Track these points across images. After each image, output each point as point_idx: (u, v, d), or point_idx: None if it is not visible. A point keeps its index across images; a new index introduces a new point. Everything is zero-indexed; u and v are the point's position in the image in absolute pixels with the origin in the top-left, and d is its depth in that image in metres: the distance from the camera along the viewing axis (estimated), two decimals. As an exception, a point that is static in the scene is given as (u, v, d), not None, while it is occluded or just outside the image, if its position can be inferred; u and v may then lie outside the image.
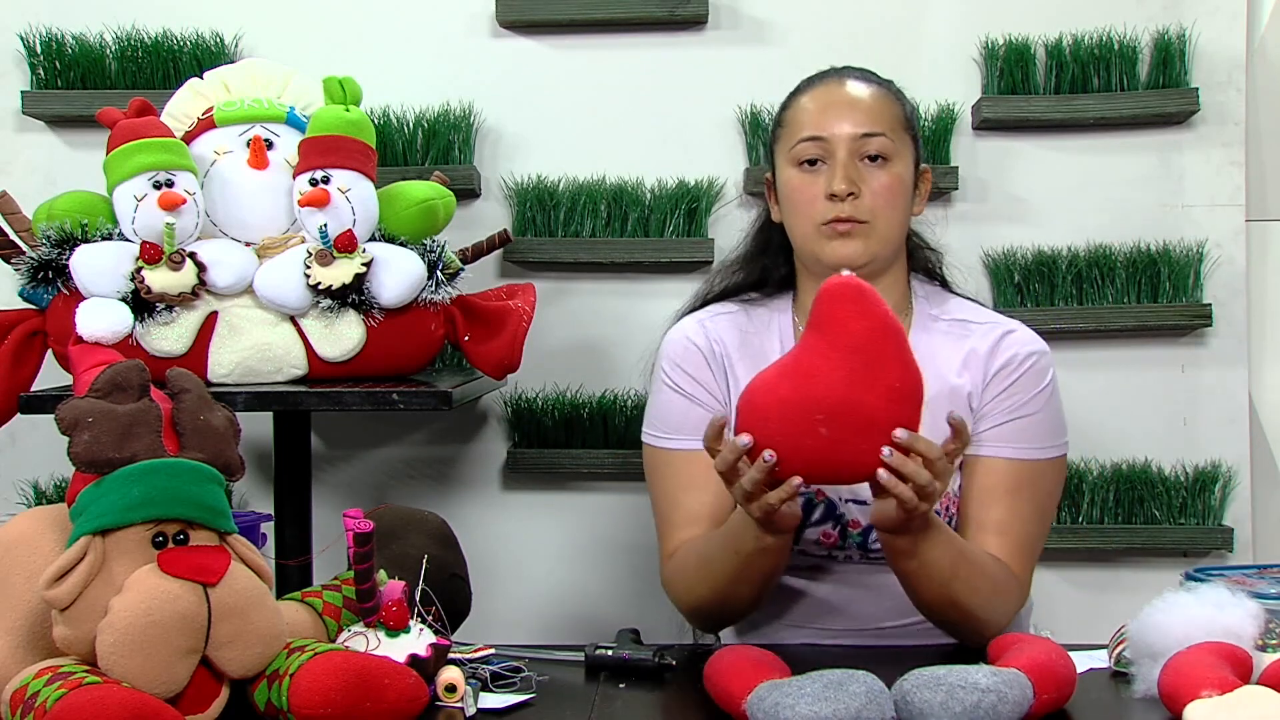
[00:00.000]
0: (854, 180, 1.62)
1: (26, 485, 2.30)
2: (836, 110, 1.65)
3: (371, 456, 2.36)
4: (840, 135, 1.63)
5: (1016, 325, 1.70)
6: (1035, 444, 1.63)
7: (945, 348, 1.67)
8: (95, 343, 1.68)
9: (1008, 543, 1.60)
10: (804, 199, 1.65)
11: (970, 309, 1.74)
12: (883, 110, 1.65)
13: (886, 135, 1.63)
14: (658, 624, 1.95)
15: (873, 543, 1.64)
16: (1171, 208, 2.26)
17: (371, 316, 1.82)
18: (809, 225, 1.65)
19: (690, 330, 1.73)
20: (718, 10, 2.28)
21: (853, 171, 1.62)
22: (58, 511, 1.33)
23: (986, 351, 1.66)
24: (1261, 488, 2.29)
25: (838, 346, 1.32)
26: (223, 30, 2.28)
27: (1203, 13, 2.25)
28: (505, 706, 1.34)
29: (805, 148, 1.65)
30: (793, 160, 1.66)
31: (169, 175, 1.77)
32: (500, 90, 2.31)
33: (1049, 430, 1.65)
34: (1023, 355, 1.65)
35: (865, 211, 1.62)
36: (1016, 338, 1.68)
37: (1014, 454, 1.62)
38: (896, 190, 1.64)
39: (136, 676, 1.18)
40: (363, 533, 1.32)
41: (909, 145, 1.68)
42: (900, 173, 1.65)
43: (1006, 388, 1.64)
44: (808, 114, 1.67)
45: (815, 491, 1.64)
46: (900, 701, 1.22)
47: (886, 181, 1.63)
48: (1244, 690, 1.21)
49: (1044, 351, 1.68)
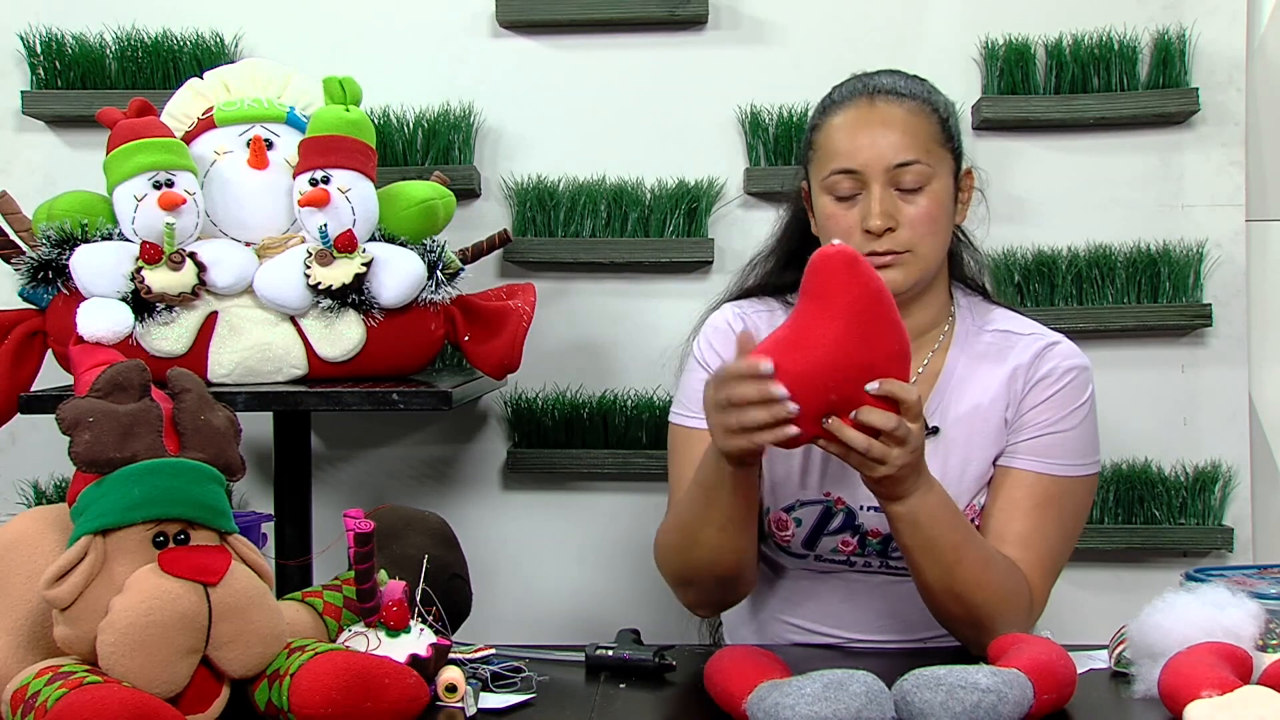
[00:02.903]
0: (890, 214, 1.56)
1: (26, 485, 2.30)
2: (869, 139, 1.58)
3: (371, 456, 2.36)
4: (874, 168, 1.57)
5: (1060, 338, 1.66)
6: (1067, 460, 1.60)
7: (987, 366, 1.64)
8: (95, 343, 1.69)
9: (1029, 556, 1.56)
10: (840, 230, 1.59)
11: (1013, 319, 1.70)
12: (917, 131, 1.58)
13: (922, 161, 1.57)
14: (658, 624, 1.95)
15: (893, 550, 1.61)
16: (1171, 208, 2.26)
17: (371, 316, 1.82)
18: None
19: (730, 315, 1.72)
20: (718, 10, 2.28)
21: (889, 204, 1.56)
22: (58, 511, 1.33)
23: (1028, 362, 1.63)
24: (1261, 488, 2.29)
25: (839, 314, 1.33)
26: (223, 30, 2.28)
27: (1203, 13, 2.25)
28: (505, 706, 1.34)
29: (838, 181, 1.59)
30: (826, 190, 1.60)
31: (169, 175, 1.77)
32: (500, 90, 2.31)
33: (1082, 448, 1.61)
34: (1063, 369, 1.62)
35: (904, 242, 1.57)
36: (1059, 350, 1.64)
37: (1045, 469, 1.59)
38: (936, 215, 1.58)
39: (137, 676, 1.18)
40: (363, 533, 1.32)
41: (947, 158, 1.61)
42: (939, 193, 1.59)
43: (1043, 401, 1.61)
44: (839, 143, 1.60)
45: (835, 500, 1.63)
46: (900, 701, 1.22)
47: (925, 209, 1.57)
48: (1244, 690, 1.21)
49: (1085, 367, 1.64)
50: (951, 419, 1.62)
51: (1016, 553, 1.55)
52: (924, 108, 1.61)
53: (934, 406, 1.63)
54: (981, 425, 1.62)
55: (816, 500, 1.63)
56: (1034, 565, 1.56)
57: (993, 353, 1.65)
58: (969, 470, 1.61)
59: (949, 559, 1.47)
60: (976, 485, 1.62)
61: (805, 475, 1.64)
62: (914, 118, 1.59)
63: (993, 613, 1.49)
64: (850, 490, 1.61)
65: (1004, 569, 1.52)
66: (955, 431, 1.62)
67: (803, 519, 1.64)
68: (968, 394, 1.63)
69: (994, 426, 1.62)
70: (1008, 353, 1.65)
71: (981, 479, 1.62)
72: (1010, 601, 1.51)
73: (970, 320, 1.68)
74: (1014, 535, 1.57)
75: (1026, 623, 1.55)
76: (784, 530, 1.65)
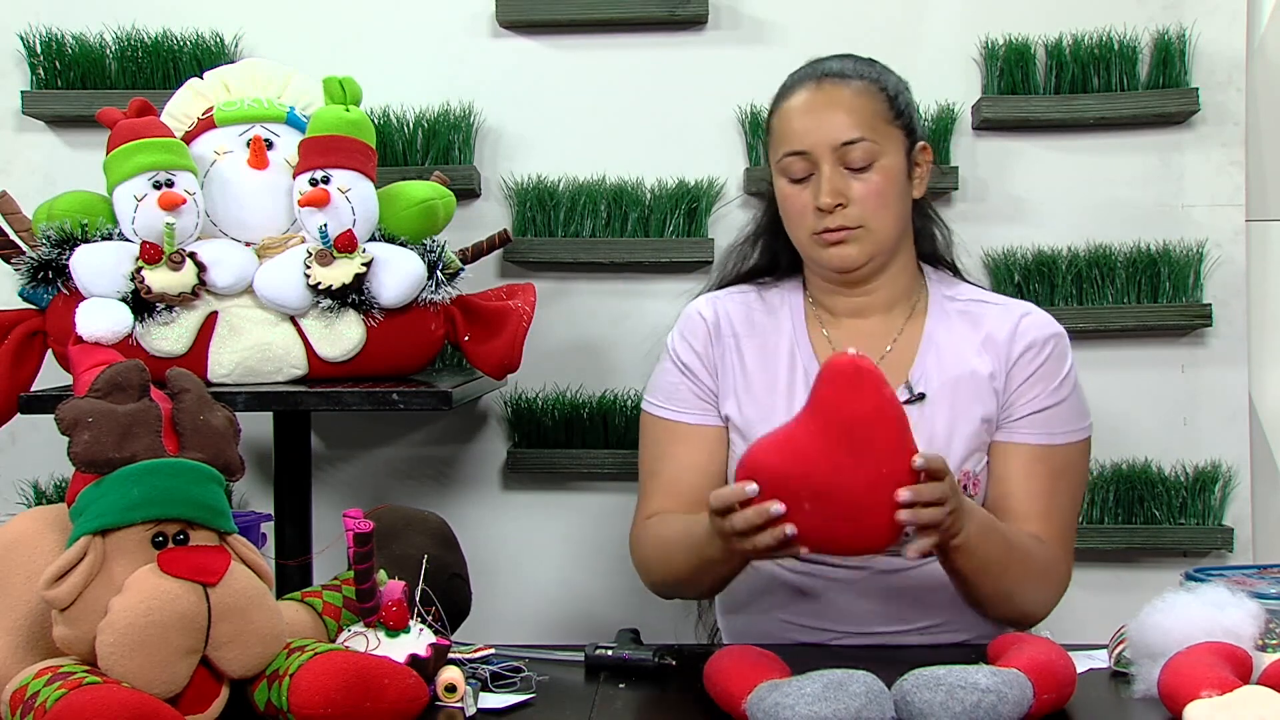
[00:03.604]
0: (839, 191, 1.62)
1: (26, 485, 2.30)
2: (816, 120, 1.64)
3: (371, 456, 2.36)
4: (821, 147, 1.63)
5: (1031, 307, 1.72)
6: (1067, 427, 1.67)
7: (962, 330, 1.70)
8: (95, 343, 1.69)
9: (1052, 530, 1.63)
10: (795, 210, 1.67)
11: (982, 292, 1.77)
12: (862, 110, 1.64)
13: (868, 139, 1.62)
14: (658, 624, 1.95)
15: None
16: (1171, 208, 2.26)
17: (371, 316, 1.82)
18: (803, 234, 1.67)
19: (701, 306, 1.77)
20: (718, 10, 2.28)
21: (838, 182, 1.62)
22: (58, 511, 1.33)
23: (1007, 335, 1.68)
24: (1261, 488, 2.29)
25: (830, 428, 1.31)
26: (223, 30, 2.28)
27: (1203, 13, 2.25)
28: (505, 706, 1.34)
29: (790, 163, 1.65)
30: (781, 172, 1.67)
31: (169, 175, 1.77)
32: (500, 90, 2.31)
33: (1077, 412, 1.69)
34: (1043, 340, 1.68)
35: (855, 218, 1.63)
36: (1034, 320, 1.70)
37: (1049, 440, 1.66)
38: (886, 190, 1.64)
39: (136, 676, 1.18)
40: (363, 533, 1.32)
41: (896, 135, 1.66)
42: (889, 169, 1.64)
43: (1032, 375, 1.67)
44: (789, 126, 1.66)
45: None
46: (900, 701, 1.22)
47: (874, 185, 1.63)
48: (1244, 690, 1.21)
49: (1061, 333, 1.70)
50: (936, 384, 1.67)
51: (1040, 528, 1.62)
52: (870, 87, 1.66)
53: (917, 373, 1.68)
54: (967, 387, 1.67)
55: None
56: (1057, 537, 1.64)
57: (967, 320, 1.71)
58: (957, 432, 1.65)
59: (997, 569, 1.54)
60: (965, 447, 1.65)
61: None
62: (859, 98, 1.64)
63: (1036, 597, 1.61)
64: None
65: (1039, 555, 1.60)
66: (941, 396, 1.67)
67: None
68: (948, 358, 1.69)
69: (978, 388, 1.66)
70: (982, 320, 1.71)
71: (970, 440, 1.65)
72: (1048, 578, 1.61)
73: (941, 291, 1.75)
74: (1035, 513, 1.63)
75: (1060, 594, 1.64)
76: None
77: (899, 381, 1.67)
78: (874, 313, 1.72)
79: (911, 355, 1.69)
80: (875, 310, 1.72)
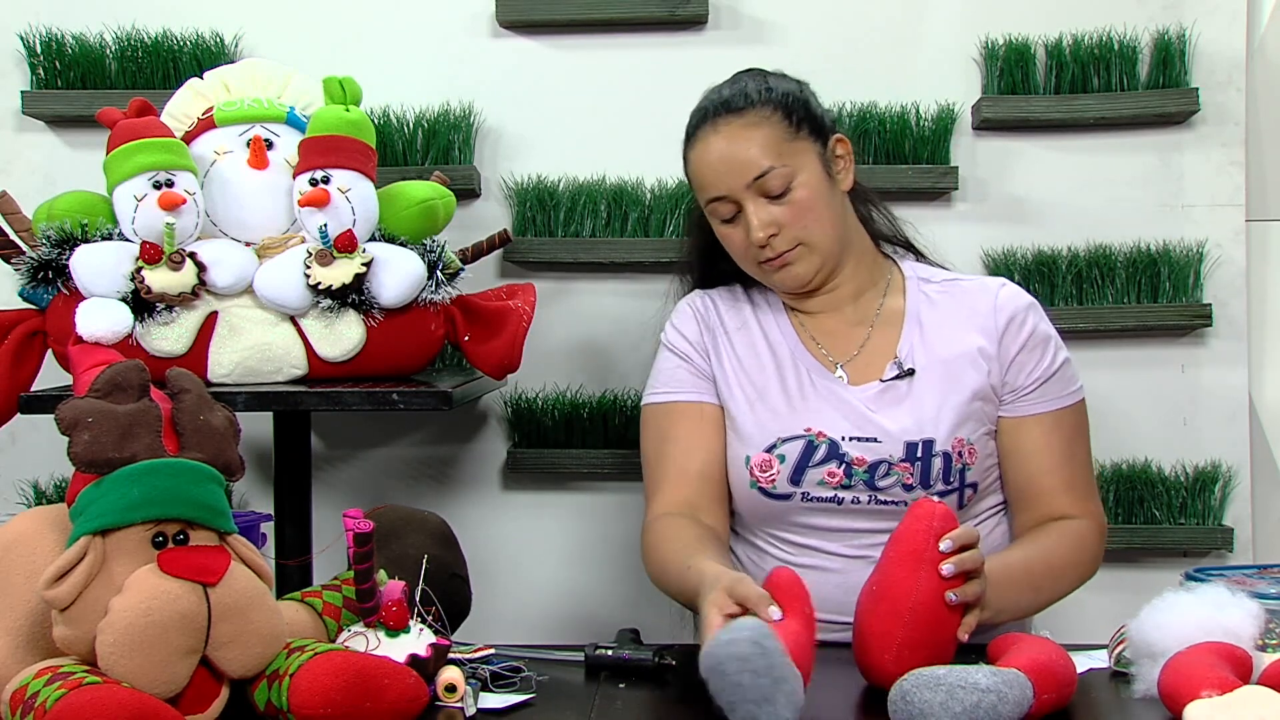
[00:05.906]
0: (767, 223, 1.66)
1: (26, 485, 2.30)
2: (724, 164, 1.66)
3: (371, 456, 2.36)
4: (737, 189, 1.66)
5: (1003, 280, 1.77)
6: (1068, 389, 1.72)
7: (947, 307, 1.74)
8: (95, 343, 1.68)
9: (1076, 495, 1.69)
10: (736, 248, 1.72)
11: (953, 273, 1.82)
12: (763, 139, 1.65)
13: (776, 166, 1.65)
14: (658, 624, 1.95)
15: (880, 479, 1.66)
16: (1171, 208, 2.26)
17: (371, 316, 1.82)
18: (750, 266, 1.73)
19: (692, 298, 1.84)
20: (718, 10, 2.28)
21: (763, 215, 1.66)
22: (58, 511, 1.33)
23: (989, 307, 1.72)
24: (1261, 488, 2.29)
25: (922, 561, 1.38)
26: (223, 30, 2.28)
27: (1203, 13, 2.25)
28: (505, 706, 1.34)
29: (715, 207, 1.69)
30: (712, 215, 1.71)
31: (169, 175, 1.77)
32: (500, 90, 2.31)
33: (1072, 372, 1.74)
34: (1023, 309, 1.72)
35: (791, 239, 1.67)
36: (1010, 292, 1.74)
37: (1057, 405, 1.70)
38: (812, 203, 1.67)
39: (136, 676, 1.18)
40: (363, 533, 1.32)
41: (804, 145, 1.68)
42: (809, 183, 1.67)
43: (1024, 348, 1.70)
44: (700, 175, 1.70)
45: (816, 434, 1.68)
46: (900, 701, 1.22)
47: (798, 204, 1.66)
48: (1244, 690, 1.21)
49: (1034, 303, 1.75)
50: (924, 360, 1.70)
51: (1068, 501, 1.69)
52: (763, 111, 1.68)
53: (905, 348, 1.71)
54: (956, 361, 1.69)
55: (797, 435, 1.68)
56: (1082, 499, 1.70)
57: (949, 298, 1.75)
58: (947, 402, 1.67)
59: (1029, 596, 1.61)
60: (956, 416, 1.67)
61: (782, 414, 1.70)
62: (756, 129, 1.67)
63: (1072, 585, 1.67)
64: (831, 422, 1.68)
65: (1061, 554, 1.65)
66: (930, 370, 1.70)
67: (786, 455, 1.68)
68: (933, 335, 1.72)
69: (969, 361, 1.69)
70: (962, 297, 1.75)
71: (960, 409, 1.68)
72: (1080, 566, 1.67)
73: (915, 273, 1.79)
74: (1060, 485, 1.69)
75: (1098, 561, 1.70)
76: (768, 471, 1.69)
77: (887, 359, 1.71)
78: (844, 304, 1.76)
79: (896, 333, 1.73)
80: (845, 301, 1.76)
